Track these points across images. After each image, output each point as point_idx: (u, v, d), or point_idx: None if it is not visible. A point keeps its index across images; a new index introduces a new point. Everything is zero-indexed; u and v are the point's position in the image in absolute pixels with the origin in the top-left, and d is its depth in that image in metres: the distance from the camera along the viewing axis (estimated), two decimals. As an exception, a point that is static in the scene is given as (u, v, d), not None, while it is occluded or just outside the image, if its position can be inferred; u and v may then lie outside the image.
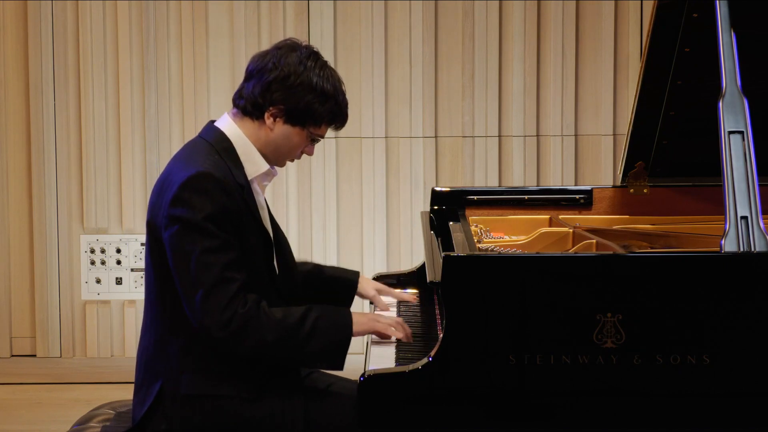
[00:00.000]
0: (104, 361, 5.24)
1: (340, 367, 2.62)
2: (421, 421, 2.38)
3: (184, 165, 2.61)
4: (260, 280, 2.66)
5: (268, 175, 2.75)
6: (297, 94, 2.64)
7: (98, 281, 5.26)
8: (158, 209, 2.61)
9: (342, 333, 2.62)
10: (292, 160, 2.77)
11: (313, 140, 2.73)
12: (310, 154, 2.77)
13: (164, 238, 2.58)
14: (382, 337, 2.75)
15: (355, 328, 2.64)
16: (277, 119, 2.67)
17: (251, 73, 2.69)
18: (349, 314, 2.66)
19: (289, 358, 2.62)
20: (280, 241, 2.82)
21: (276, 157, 2.73)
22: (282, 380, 2.67)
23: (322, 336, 2.59)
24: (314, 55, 2.69)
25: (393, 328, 2.73)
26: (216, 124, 2.73)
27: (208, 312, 2.52)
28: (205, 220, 2.53)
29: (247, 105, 2.69)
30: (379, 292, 3.15)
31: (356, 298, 3.13)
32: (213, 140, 2.69)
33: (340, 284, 3.10)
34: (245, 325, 2.53)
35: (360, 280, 3.12)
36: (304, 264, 3.08)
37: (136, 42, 5.17)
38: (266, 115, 2.67)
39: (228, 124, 2.71)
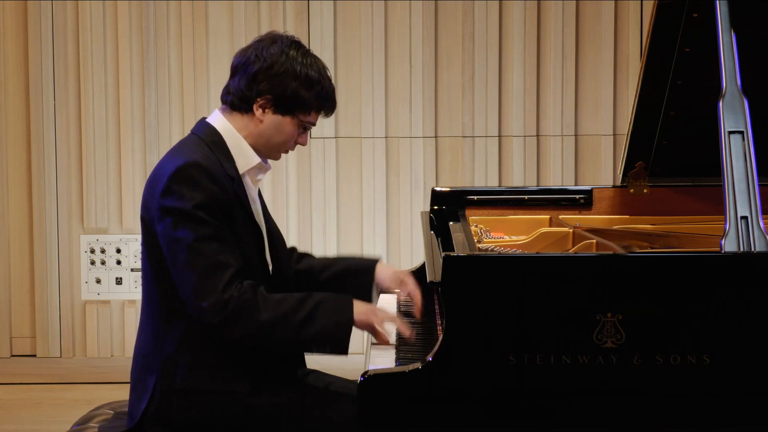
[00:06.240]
0: (104, 361, 5.24)
1: (344, 351, 2.58)
2: (421, 421, 2.38)
3: (173, 158, 2.64)
4: (253, 272, 2.66)
5: (261, 169, 2.76)
6: (282, 82, 2.66)
7: (98, 281, 5.25)
8: (150, 203, 2.63)
9: (343, 315, 2.58)
10: (286, 152, 2.78)
11: (305, 128, 2.74)
12: (304, 143, 2.77)
13: (158, 231, 2.60)
14: (376, 336, 2.68)
15: (356, 314, 2.60)
16: (266, 110, 2.69)
17: (236, 68, 2.72)
18: (351, 299, 2.63)
19: (288, 341, 2.58)
20: (273, 236, 2.83)
21: (268, 149, 2.74)
22: (280, 375, 2.67)
23: (323, 317, 2.57)
24: (295, 44, 2.72)
25: (387, 326, 2.67)
26: (207, 120, 2.76)
27: (204, 296, 2.52)
28: (195, 209, 2.55)
29: (235, 99, 2.71)
30: (400, 283, 2.91)
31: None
32: (203, 134, 2.71)
33: (355, 274, 2.94)
34: (241, 308, 2.52)
35: (378, 267, 2.94)
36: (311, 259, 3.00)
37: (136, 42, 5.17)
38: (255, 107, 2.69)
39: (218, 119, 2.73)
